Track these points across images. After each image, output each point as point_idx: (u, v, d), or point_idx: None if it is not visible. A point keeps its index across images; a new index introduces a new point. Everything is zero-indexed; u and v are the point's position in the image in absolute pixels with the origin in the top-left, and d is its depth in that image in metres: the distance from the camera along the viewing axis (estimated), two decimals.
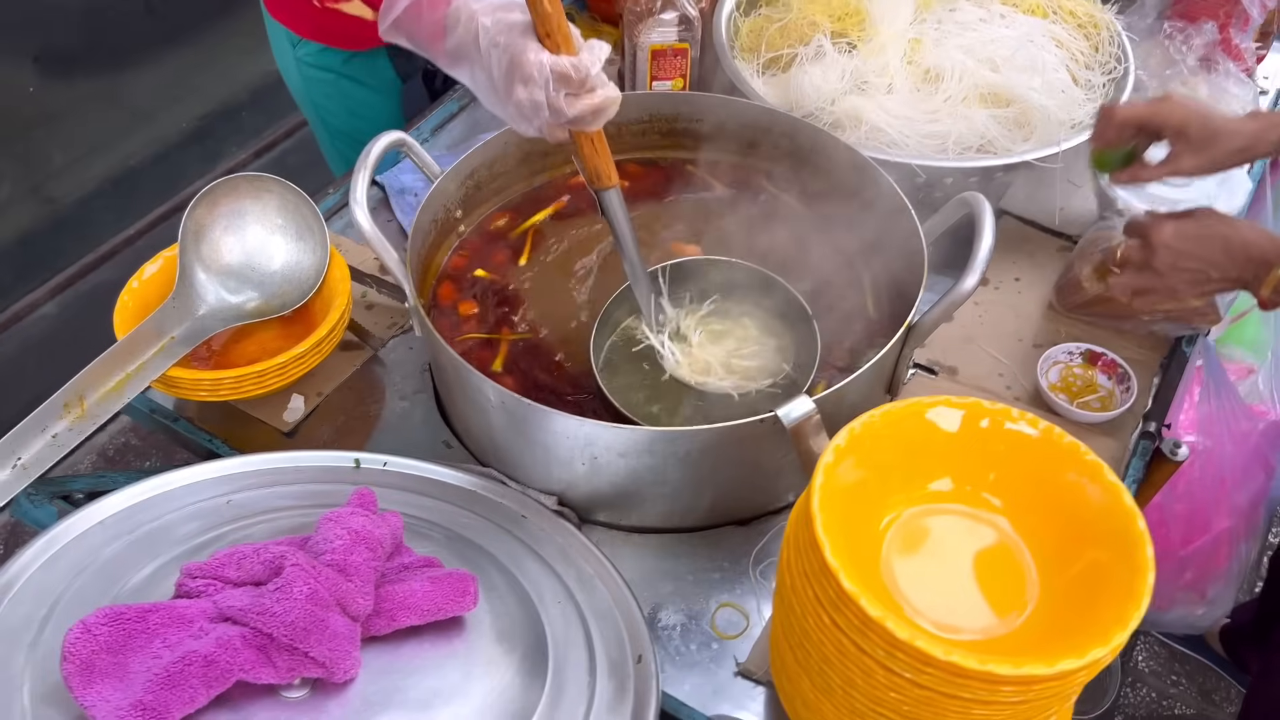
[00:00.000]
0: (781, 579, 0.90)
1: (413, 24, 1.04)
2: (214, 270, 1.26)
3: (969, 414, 0.86)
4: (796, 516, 0.88)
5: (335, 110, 1.70)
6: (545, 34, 0.94)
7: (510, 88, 0.96)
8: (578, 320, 1.25)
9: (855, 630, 0.79)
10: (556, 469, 1.10)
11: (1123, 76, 1.44)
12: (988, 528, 0.86)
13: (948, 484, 0.88)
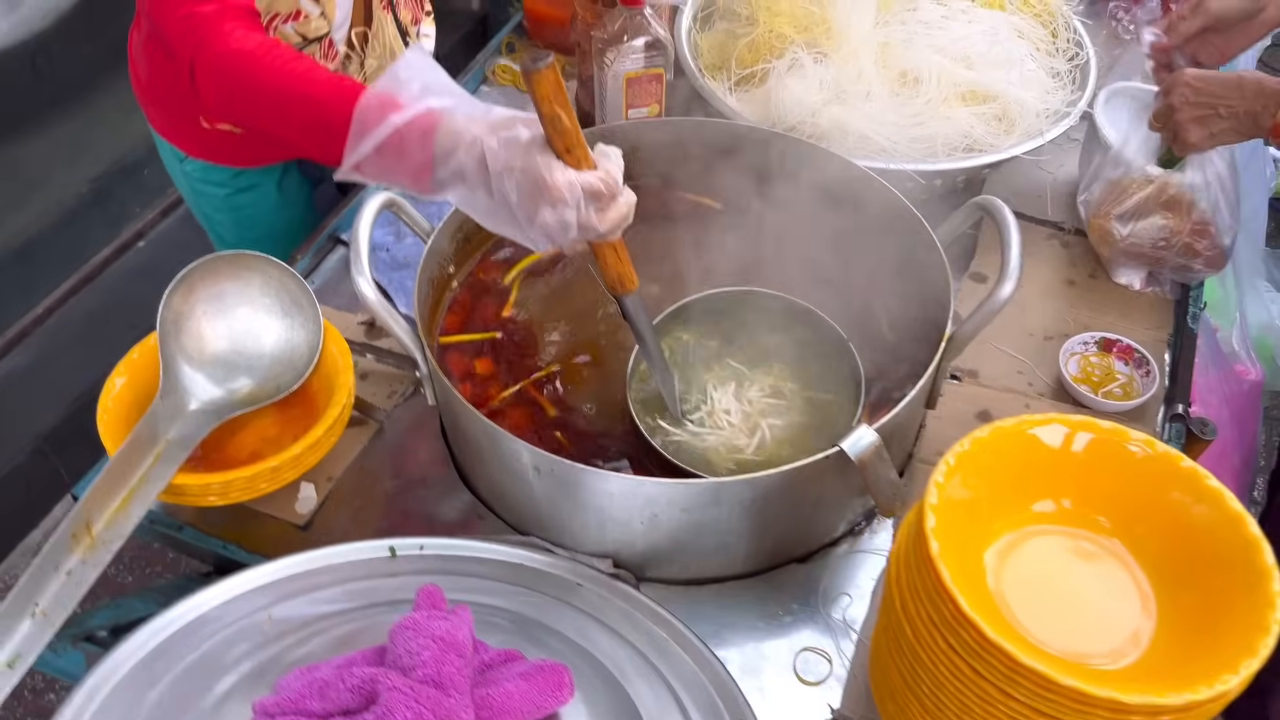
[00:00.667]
0: (889, 599, 0.88)
1: (390, 162, 0.94)
2: (200, 361, 1.16)
3: (1071, 431, 0.85)
4: (907, 535, 0.86)
5: (226, 223, 1.59)
6: (565, 149, 0.88)
7: (535, 211, 0.89)
8: (599, 364, 1.20)
9: (972, 653, 0.77)
10: (612, 531, 1.05)
11: (1085, 63, 1.46)
12: (1097, 549, 0.85)
13: (1050, 505, 0.87)
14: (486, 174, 0.90)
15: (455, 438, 1.17)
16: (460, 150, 0.90)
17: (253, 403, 1.17)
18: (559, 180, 0.87)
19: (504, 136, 0.89)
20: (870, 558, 1.12)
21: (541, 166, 0.87)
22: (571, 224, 0.90)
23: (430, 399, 1.17)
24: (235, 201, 1.55)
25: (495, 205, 0.92)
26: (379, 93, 0.93)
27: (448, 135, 0.91)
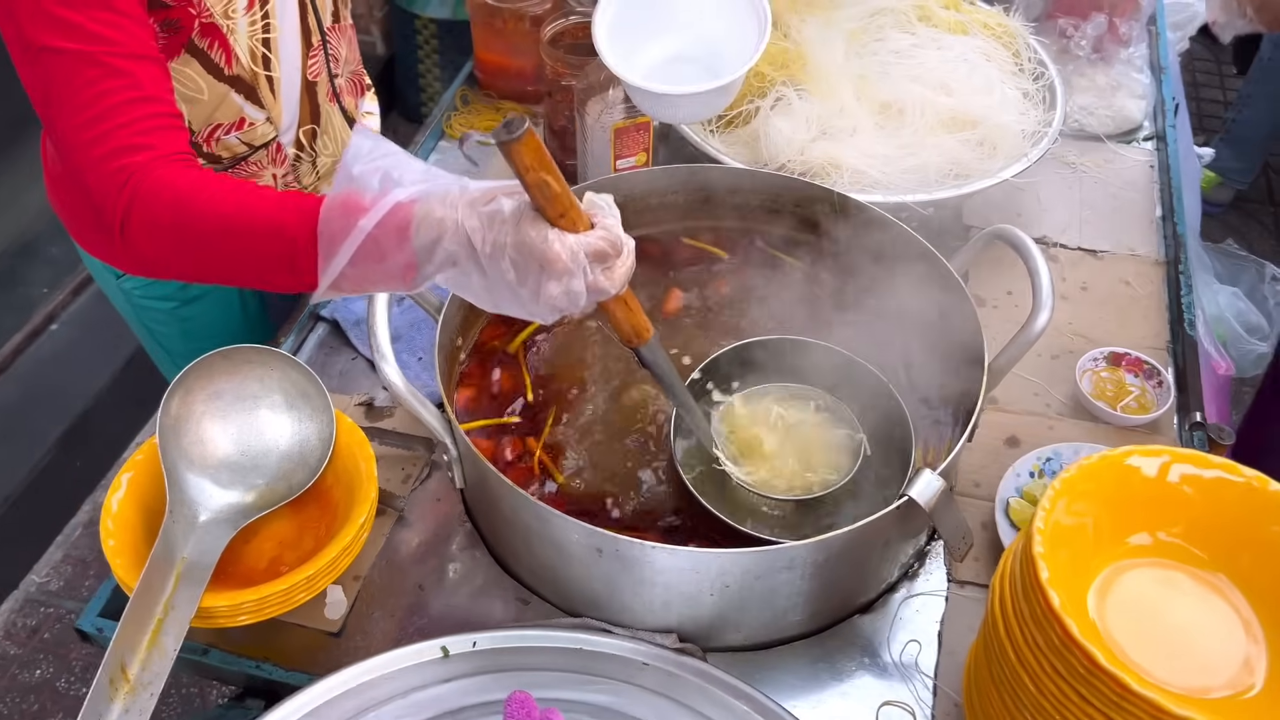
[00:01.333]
0: (993, 626, 0.87)
1: (369, 269, 0.85)
2: (205, 467, 1.08)
3: (1165, 463, 0.85)
4: (1010, 563, 0.86)
5: (173, 336, 1.48)
6: (559, 215, 0.81)
7: (539, 286, 0.82)
8: (627, 431, 1.16)
9: (1080, 679, 0.77)
10: (677, 605, 1.01)
11: (1051, 83, 1.49)
12: (1196, 581, 0.85)
13: (1147, 538, 0.87)
14: (476, 258, 0.83)
15: (493, 520, 1.11)
16: (445, 239, 0.83)
17: (266, 505, 1.09)
18: (560, 251, 0.81)
19: (485, 213, 0.82)
20: (929, 600, 1.10)
21: (537, 239, 0.81)
22: (580, 293, 0.84)
23: (459, 481, 1.11)
24: (182, 314, 1.43)
25: (492, 285, 0.85)
26: (338, 198, 0.84)
27: (426, 226, 0.83)
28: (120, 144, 0.95)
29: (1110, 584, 0.86)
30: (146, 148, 0.95)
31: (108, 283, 1.43)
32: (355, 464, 1.10)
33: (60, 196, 1.36)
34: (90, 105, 0.95)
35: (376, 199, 0.82)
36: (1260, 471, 0.85)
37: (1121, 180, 1.60)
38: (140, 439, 2.48)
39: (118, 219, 0.95)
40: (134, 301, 1.42)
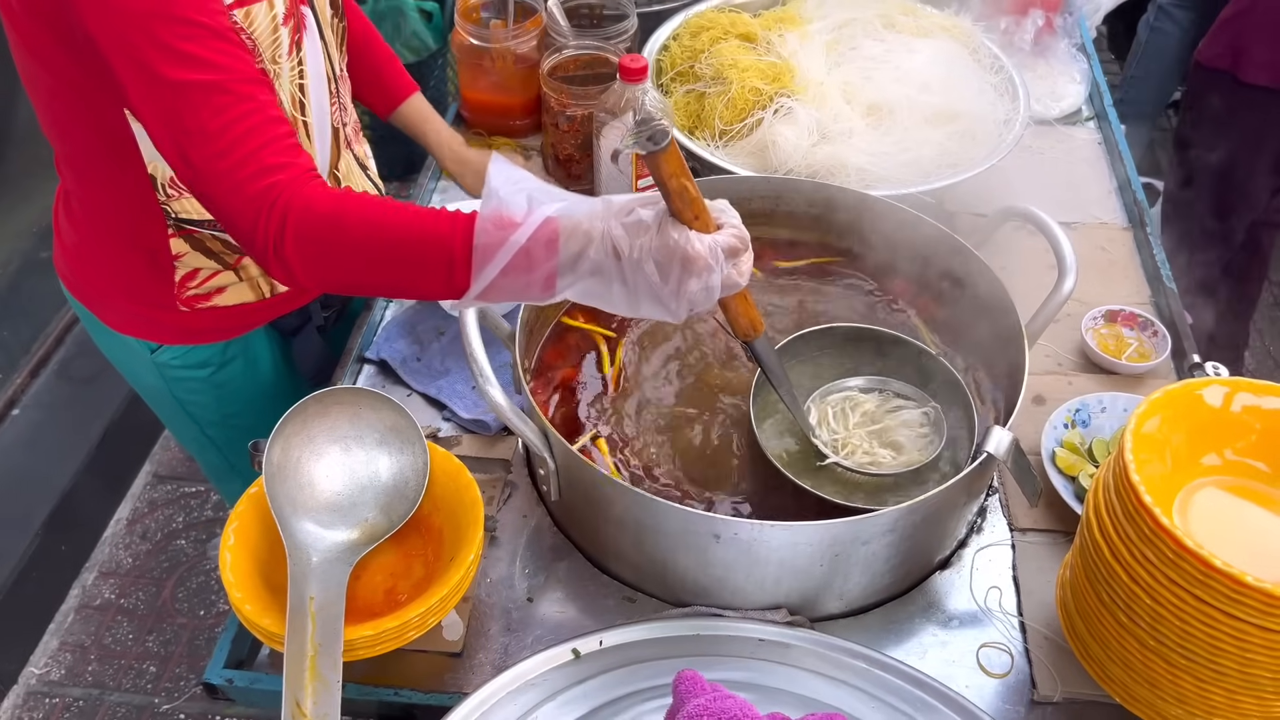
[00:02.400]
0: (1089, 531, 0.97)
1: (517, 279, 0.92)
2: (310, 510, 1.11)
3: (1233, 387, 0.97)
4: (1104, 474, 0.97)
5: (206, 404, 1.47)
6: (694, 217, 0.91)
7: (681, 284, 0.91)
8: (696, 420, 1.23)
9: (1168, 562, 0.88)
10: (789, 581, 1.08)
11: (1009, 76, 1.63)
12: (1266, 495, 0.97)
13: (1216, 459, 0.98)
14: (620, 264, 0.91)
15: (594, 524, 1.16)
16: (591, 248, 0.91)
17: (373, 540, 1.12)
18: (700, 249, 0.90)
19: (629, 222, 0.91)
20: (998, 550, 1.20)
21: (680, 240, 0.90)
22: (716, 288, 0.93)
23: (553, 494, 1.16)
24: (217, 379, 1.43)
25: (631, 291, 0.93)
26: (491, 213, 0.91)
27: (574, 238, 0.91)
28: (262, 165, 0.98)
29: (1188, 502, 0.97)
30: (287, 166, 0.99)
31: (136, 360, 1.41)
32: (455, 490, 1.14)
33: (79, 271, 1.35)
34: (225, 131, 0.97)
35: (524, 216, 0.89)
36: None
37: (1075, 158, 1.75)
38: (121, 514, 2.42)
39: (271, 237, 0.97)
40: (167, 373, 1.41)
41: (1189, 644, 0.90)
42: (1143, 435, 0.95)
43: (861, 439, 1.18)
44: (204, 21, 0.98)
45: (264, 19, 1.11)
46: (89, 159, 1.22)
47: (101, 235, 1.29)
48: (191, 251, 1.27)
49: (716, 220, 0.93)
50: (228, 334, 1.38)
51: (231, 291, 1.33)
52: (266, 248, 0.99)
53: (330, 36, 1.27)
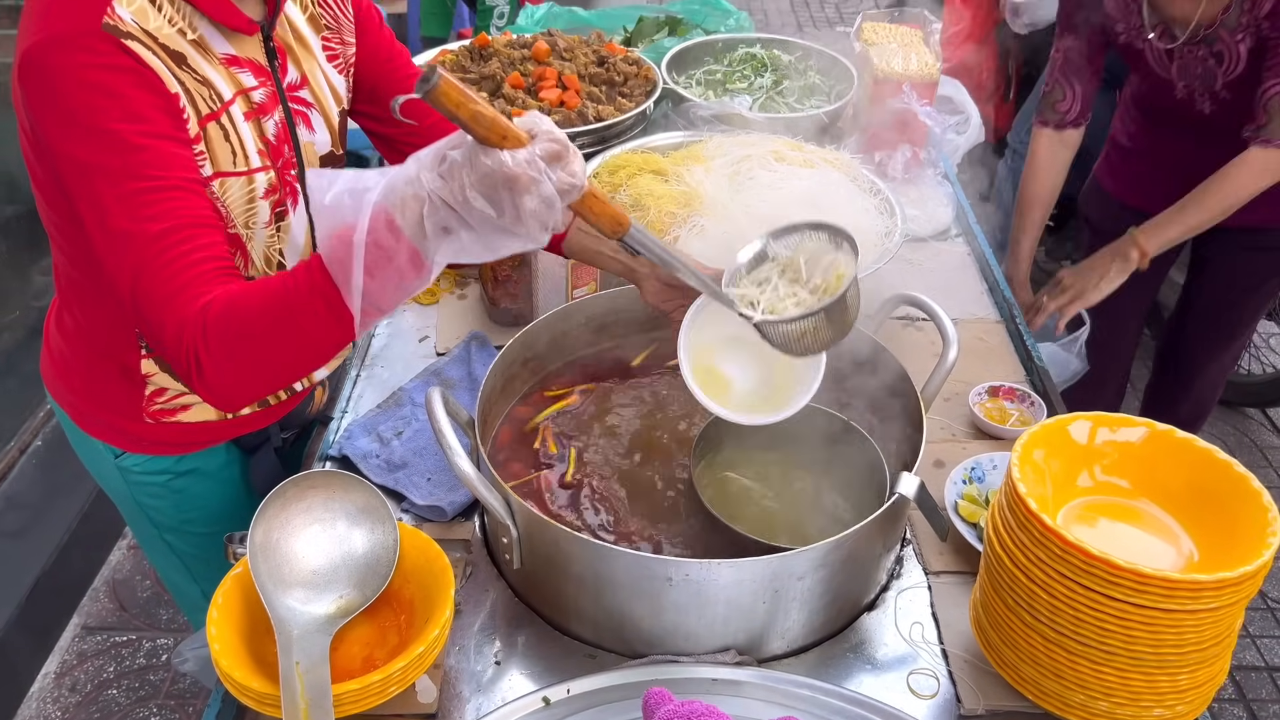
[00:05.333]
0: (990, 549, 1.13)
1: (386, 273, 0.96)
2: (290, 585, 1.19)
3: (1095, 422, 1.15)
4: (998, 503, 1.14)
5: (165, 509, 1.54)
6: (501, 138, 0.90)
7: (517, 207, 0.91)
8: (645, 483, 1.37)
9: (1056, 559, 1.04)
10: (736, 620, 1.20)
11: (886, 198, 1.88)
12: (1131, 503, 1.15)
13: (1088, 480, 1.16)
14: (456, 212, 0.92)
15: (555, 586, 1.26)
16: (425, 207, 0.92)
17: (349, 612, 1.20)
18: (517, 166, 0.89)
19: (443, 170, 0.92)
20: (916, 591, 1.34)
21: (493, 165, 0.89)
22: (553, 196, 0.93)
23: (516, 563, 1.26)
24: (175, 485, 1.51)
25: (481, 233, 0.94)
26: (327, 234, 0.96)
27: (405, 208, 0.92)
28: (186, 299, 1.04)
29: (1069, 515, 1.14)
30: (204, 295, 1.05)
31: (103, 463, 1.49)
32: (424, 562, 1.24)
33: (62, 377, 1.45)
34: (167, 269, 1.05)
35: (354, 215, 0.92)
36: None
37: (949, 267, 2.00)
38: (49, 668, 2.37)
39: (190, 358, 1.04)
40: (130, 478, 1.49)
41: (1082, 630, 1.05)
42: (1026, 464, 1.12)
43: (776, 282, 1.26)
44: (163, 177, 1.07)
45: (239, 193, 1.23)
46: (80, 282, 1.33)
47: (84, 349, 1.39)
48: (160, 373, 1.37)
49: (530, 132, 0.93)
50: (188, 448, 1.47)
51: (195, 410, 1.43)
52: (191, 375, 1.06)
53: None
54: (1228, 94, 2.00)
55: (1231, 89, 2.00)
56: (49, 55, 1.06)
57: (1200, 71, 2.01)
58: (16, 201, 2.93)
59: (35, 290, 2.98)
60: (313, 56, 1.34)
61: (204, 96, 1.16)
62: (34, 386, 2.77)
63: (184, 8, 1.16)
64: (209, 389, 1.07)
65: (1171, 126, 2.20)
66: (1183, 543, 1.12)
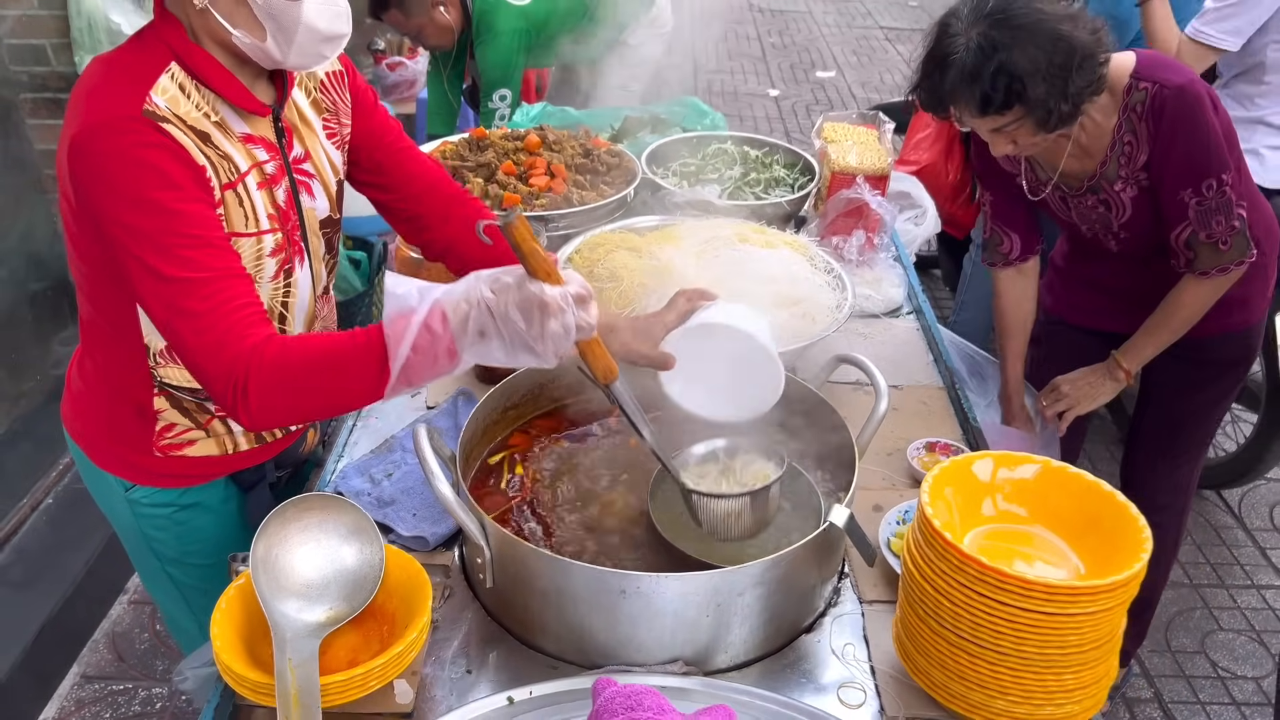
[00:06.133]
0: (908, 571, 1.28)
1: (425, 355, 1.18)
2: (287, 594, 1.33)
3: (996, 461, 1.32)
4: (912, 532, 1.29)
5: (168, 540, 1.70)
6: (545, 274, 1.17)
7: (542, 327, 1.16)
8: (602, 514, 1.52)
9: (958, 570, 1.19)
10: (683, 632, 1.34)
11: (838, 275, 2.07)
12: (1027, 528, 1.31)
13: (991, 508, 1.32)
14: (495, 321, 1.17)
15: (523, 602, 1.40)
16: (472, 313, 1.17)
17: (337, 621, 1.35)
18: (554, 296, 1.16)
19: (498, 286, 1.17)
20: (851, 617, 1.48)
21: (536, 291, 1.15)
22: (571, 326, 1.17)
23: (489, 582, 1.41)
24: (178, 518, 1.67)
25: (508, 343, 1.19)
26: (393, 310, 1.18)
27: (457, 308, 1.17)
28: (232, 338, 1.26)
29: (974, 544, 1.30)
30: (248, 337, 1.26)
31: (114, 497, 1.64)
32: (406, 578, 1.39)
33: (80, 416, 1.62)
34: (209, 314, 1.26)
35: (419, 304, 1.17)
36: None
37: (899, 340, 2.18)
38: (48, 714, 2.47)
39: (237, 391, 1.25)
40: (138, 510, 1.65)
41: (979, 634, 1.20)
42: (937, 496, 1.28)
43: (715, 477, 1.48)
44: (200, 234, 1.29)
45: (249, 251, 1.43)
46: (102, 328, 1.51)
47: (102, 389, 1.56)
48: (170, 409, 1.55)
49: (567, 279, 1.19)
50: (192, 481, 1.63)
51: (200, 445, 1.60)
52: (236, 401, 1.26)
53: (320, 269, 1.61)
54: (1126, 234, 2.10)
55: (1128, 229, 2.09)
56: (98, 137, 1.26)
57: (1096, 217, 2.12)
58: (44, 278, 3.14)
59: (55, 359, 3.17)
60: (315, 134, 1.55)
61: (225, 168, 1.37)
62: (48, 449, 2.95)
63: (208, 94, 1.37)
64: (249, 412, 1.27)
65: (1094, 255, 2.27)
66: (1072, 561, 1.28)
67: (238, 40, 1.33)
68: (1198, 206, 1.94)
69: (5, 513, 2.69)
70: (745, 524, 1.43)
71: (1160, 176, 1.96)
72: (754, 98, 7.18)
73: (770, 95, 7.26)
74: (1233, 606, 2.96)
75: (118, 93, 1.29)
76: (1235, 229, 1.96)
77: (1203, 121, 1.90)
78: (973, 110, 1.85)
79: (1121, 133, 1.96)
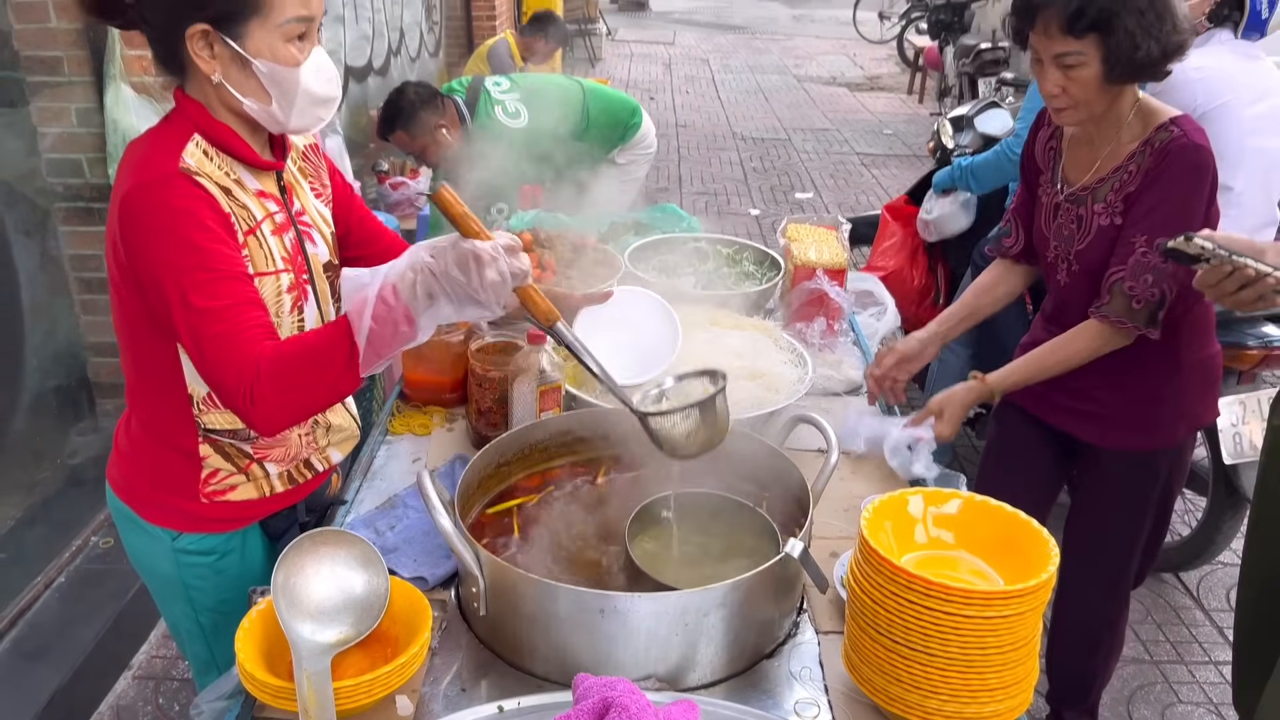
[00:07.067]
0: (854, 592, 1.46)
1: (387, 325, 1.41)
2: (304, 616, 1.50)
3: (925, 498, 1.52)
4: (854, 560, 1.47)
5: (206, 589, 1.85)
6: (476, 233, 1.41)
7: (481, 275, 1.37)
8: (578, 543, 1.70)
9: (889, 580, 1.37)
10: (656, 650, 1.50)
11: (801, 355, 2.30)
12: (953, 553, 1.50)
13: (924, 535, 1.51)
14: (438, 280, 1.39)
15: (512, 627, 1.57)
16: (418, 279, 1.40)
17: (345, 643, 1.50)
18: (485, 248, 1.39)
19: (435, 251, 1.41)
20: (808, 644, 1.65)
21: (468, 246, 1.38)
22: (505, 273, 1.39)
23: (483, 610, 1.58)
24: (219, 566, 1.84)
25: (454, 298, 1.40)
26: (351, 292, 1.48)
27: (404, 277, 1.41)
28: (243, 350, 1.48)
29: (908, 565, 1.48)
30: (257, 348, 1.48)
31: (159, 549, 1.81)
32: (408, 605, 1.56)
33: (128, 473, 1.80)
34: (229, 333, 1.48)
35: (372, 280, 1.42)
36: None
37: (857, 415, 2.39)
38: None
39: (245, 392, 1.46)
40: (182, 560, 1.81)
41: (911, 638, 1.37)
42: (873, 527, 1.47)
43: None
44: (225, 269, 1.52)
45: (271, 288, 1.67)
46: (148, 384, 1.72)
47: (148, 442, 1.76)
48: (214, 455, 1.74)
49: (495, 236, 1.43)
50: (234, 524, 1.81)
51: (241, 490, 1.78)
52: (248, 409, 1.48)
53: (328, 309, 1.84)
54: (1077, 265, 2.22)
55: (1080, 259, 2.20)
56: (145, 192, 1.52)
57: (1066, 235, 2.23)
58: (65, 374, 3.36)
59: (71, 449, 3.35)
60: (306, 193, 1.82)
61: (244, 217, 1.62)
62: (63, 533, 3.11)
63: (226, 158, 1.63)
64: (259, 414, 1.49)
65: (1050, 315, 2.41)
66: (993, 579, 1.46)
67: (248, 107, 1.59)
68: (1141, 256, 2.05)
69: (21, 589, 2.83)
70: (699, 436, 1.60)
71: (1130, 212, 2.08)
72: (736, 216, 7.57)
73: (751, 214, 7.65)
74: (1191, 681, 3.09)
75: (156, 158, 1.55)
76: (1154, 297, 2.06)
77: (1194, 183, 2.03)
78: (1059, 22, 1.95)
79: (1132, 159, 2.09)
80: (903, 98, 12.07)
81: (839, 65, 14.24)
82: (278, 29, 1.54)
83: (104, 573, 3.01)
